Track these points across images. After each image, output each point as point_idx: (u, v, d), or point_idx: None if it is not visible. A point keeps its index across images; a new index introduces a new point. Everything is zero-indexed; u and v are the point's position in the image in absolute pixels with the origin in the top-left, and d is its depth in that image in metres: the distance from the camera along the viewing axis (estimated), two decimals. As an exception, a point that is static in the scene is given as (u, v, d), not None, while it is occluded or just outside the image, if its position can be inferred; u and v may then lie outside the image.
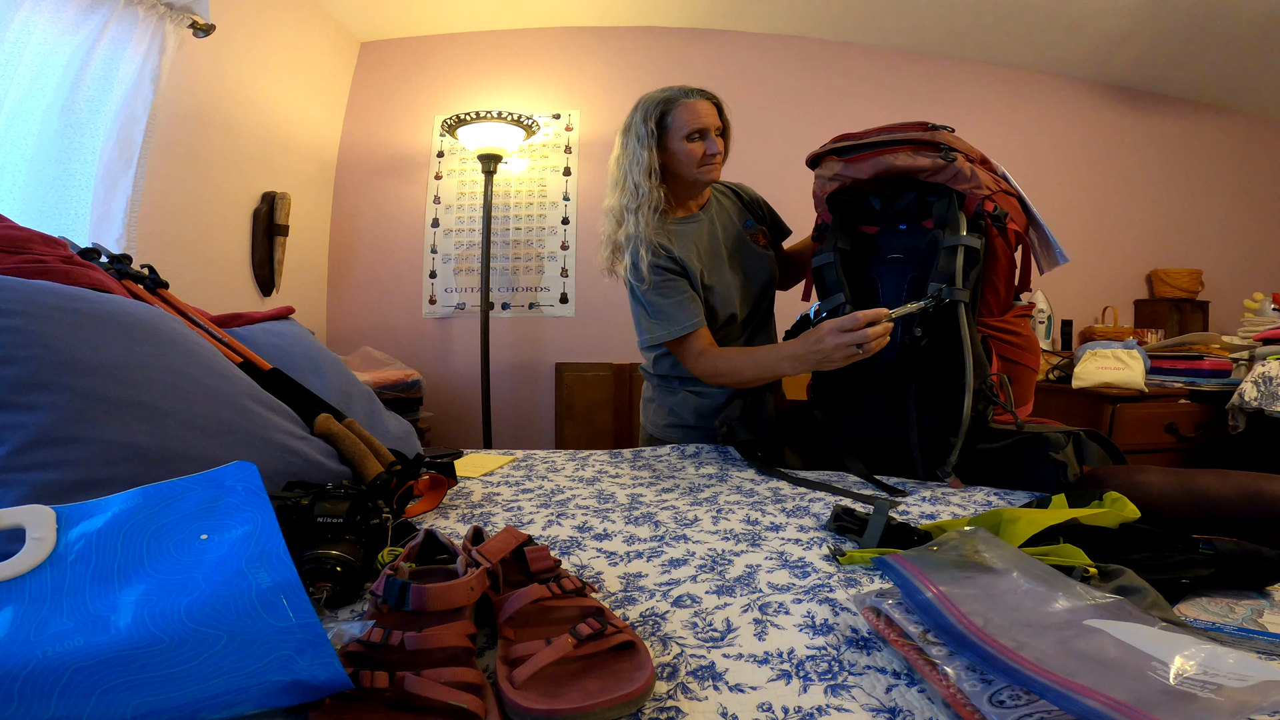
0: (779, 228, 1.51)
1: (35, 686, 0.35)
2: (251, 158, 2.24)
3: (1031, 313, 2.13)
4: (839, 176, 1.18)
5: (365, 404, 1.18)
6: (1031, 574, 0.51)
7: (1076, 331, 2.60)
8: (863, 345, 0.98)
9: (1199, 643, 0.40)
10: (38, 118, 1.46)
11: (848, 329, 0.98)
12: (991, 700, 0.39)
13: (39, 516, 0.45)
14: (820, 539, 0.78)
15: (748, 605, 0.60)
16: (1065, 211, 2.76)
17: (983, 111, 2.79)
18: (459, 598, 0.49)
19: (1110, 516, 0.68)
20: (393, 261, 2.76)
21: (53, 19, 1.46)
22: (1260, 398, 1.78)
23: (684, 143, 1.27)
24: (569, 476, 1.13)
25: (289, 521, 0.61)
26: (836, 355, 1.01)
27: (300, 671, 0.39)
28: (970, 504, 0.93)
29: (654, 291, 1.27)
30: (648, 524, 0.86)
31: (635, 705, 0.43)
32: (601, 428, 2.60)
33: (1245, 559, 0.60)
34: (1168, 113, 2.90)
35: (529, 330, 2.75)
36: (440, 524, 0.85)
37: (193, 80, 1.91)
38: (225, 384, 0.82)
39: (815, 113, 2.73)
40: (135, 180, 1.64)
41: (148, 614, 0.38)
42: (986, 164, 1.15)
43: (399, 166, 2.77)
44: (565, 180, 2.75)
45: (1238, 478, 0.82)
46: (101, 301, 0.77)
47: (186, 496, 0.48)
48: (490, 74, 2.76)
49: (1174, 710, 0.34)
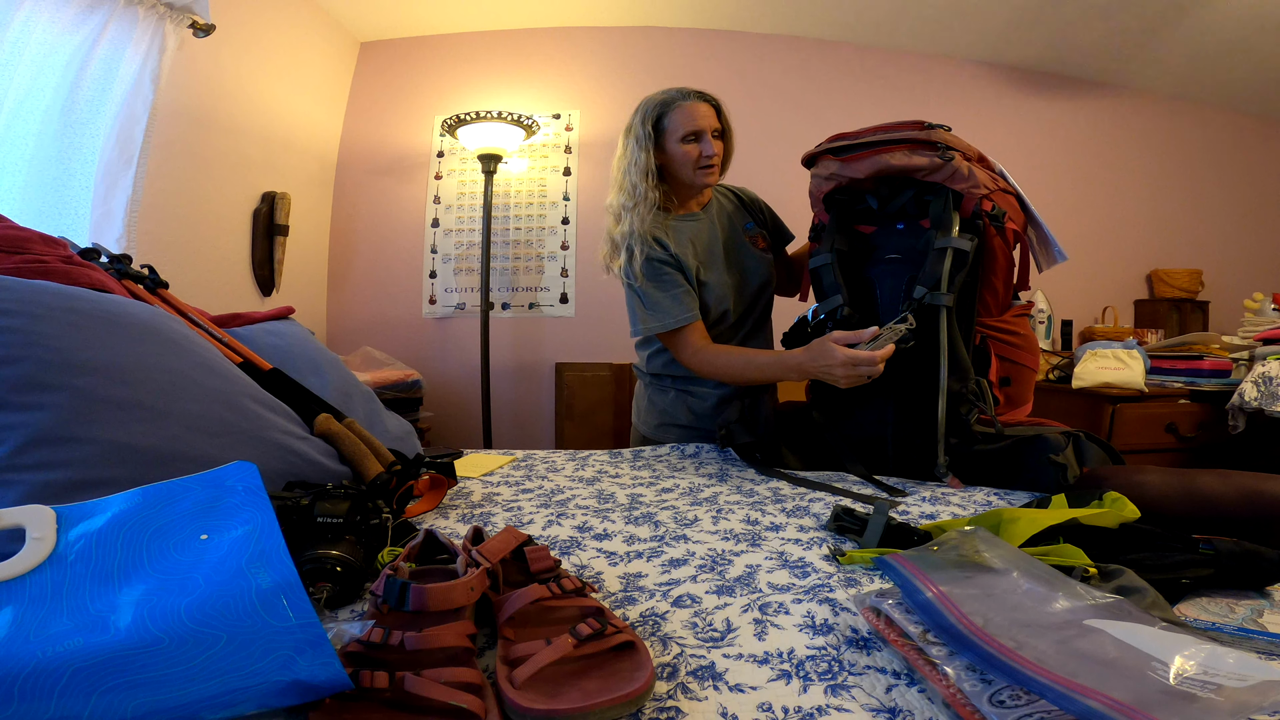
0: (780, 232, 1.50)
1: (35, 686, 0.35)
2: (251, 158, 2.24)
3: (1030, 312, 2.13)
4: (835, 176, 1.18)
5: (365, 404, 1.18)
6: (1031, 574, 0.51)
7: (1076, 331, 2.60)
8: (870, 375, 1.01)
9: (1199, 643, 0.40)
10: (38, 118, 1.46)
11: (863, 364, 0.99)
12: (991, 700, 0.39)
13: (39, 516, 0.45)
14: (820, 539, 0.78)
15: (748, 605, 0.60)
16: (1065, 211, 2.76)
17: (983, 111, 2.79)
18: (459, 598, 0.49)
19: (1110, 516, 0.68)
20: (393, 261, 2.76)
21: (53, 19, 1.46)
22: (1260, 398, 1.78)
23: (680, 144, 1.27)
24: (569, 476, 1.13)
25: (289, 521, 0.61)
26: (845, 382, 1.02)
27: (300, 671, 0.39)
28: (970, 504, 0.93)
29: (649, 283, 1.27)
30: (648, 524, 0.86)
31: (635, 705, 0.43)
32: (601, 428, 2.59)
33: (1245, 559, 0.60)
34: (1168, 112, 2.90)
35: (529, 330, 2.75)
36: (440, 524, 0.85)
37: (193, 80, 1.91)
38: (225, 384, 0.82)
39: (815, 113, 2.73)
40: (135, 180, 1.63)
41: (147, 614, 0.38)
42: (984, 162, 1.15)
43: (399, 166, 2.77)
44: (565, 180, 2.74)
45: (1238, 478, 0.83)
46: (101, 301, 0.77)
47: (186, 496, 0.48)
48: (490, 74, 2.76)
49: (1174, 710, 0.34)
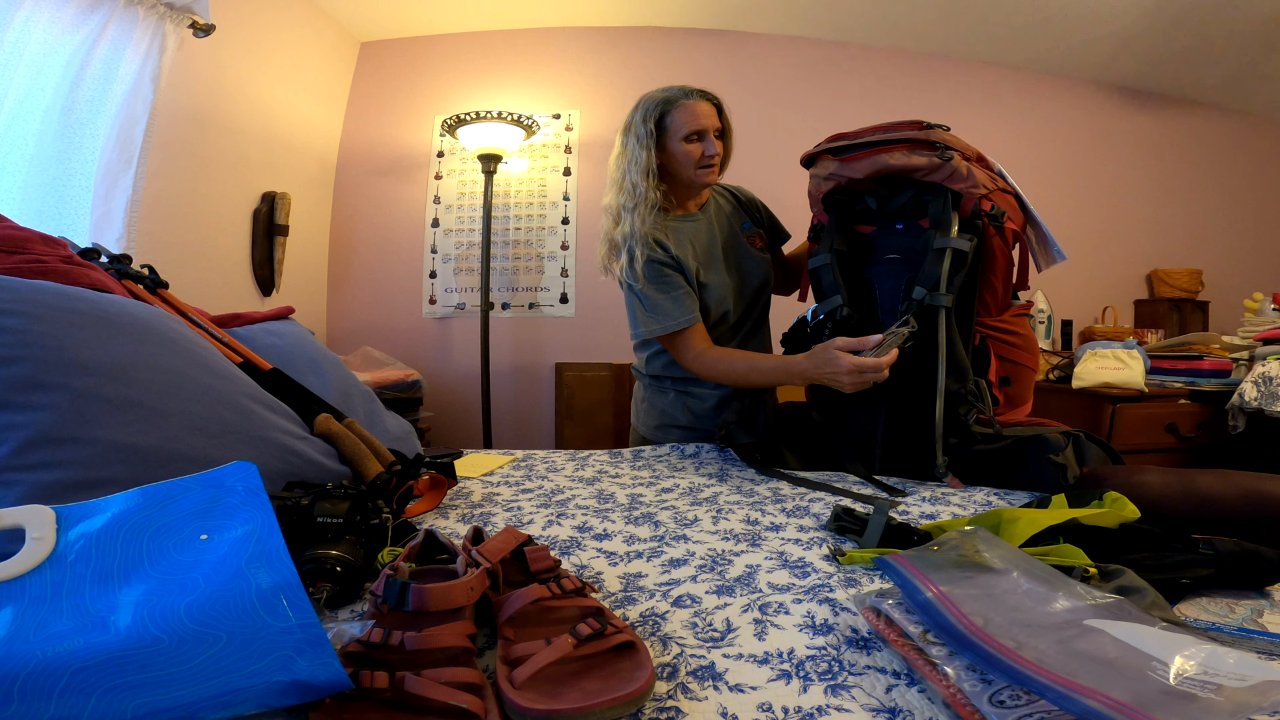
0: (777, 232, 1.50)
1: (35, 686, 0.35)
2: (251, 158, 2.24)
3: (1030, 312, 2.13)
4: (834, 176, 1.18)
5: (365, 404, 1.18)
6: (1032, 574, 0.51)
7: (1076, 331, 2.59)
8: (875, 380, 1.01)
9: (1199, 643, 0.40)
10: (38, 118, 1.46)
11: (868, 371, 1.00)
12: (991, 700, 0.39)
13: (39, 516, 0.45)
14: (820, 539, 0.78)
15: (748, 605, 0.60)
16: (1065, 211, 2.76)
17: (983, 111, 2.79)
18: (459, 598, 0.49)
19: (1110, 516, 0.68)
20: (393, 261, 2.76)
21: (53, 19, 1.46)
22: (1260, 398, 1.78)
23: (682, 144, 1.27)
24: (569, 476, 1.13)
25: (289, 521, 0.61)
26: (850, 388, 1.03)
27: (300, 672, 0.39)
28: (970, 504, 0.93)
29: (650, 286, 1.27)
30: (648, 524, 0.86)
31: (635, 705, 0.43)
32: (601, 428, 2.59)
33: (1245, 559, 0.60)
34: (1168, 113, 2.90)
35: (529, 330, 2.75)
36: (440, 524, 0.85)
37: (193, 80, 1.91)
38: (225, 384, 0.82)
39: (815, 113, 2.73)
40: (135, 180, 1.63)
41: (147, 614, 0.38)
42: (983, 162, 1.15)
43: (399, 166, 2.77)
44: (565, 180, 2.74)
45: (1238, 478, 0.82)
46: (101, 301, 0.77)
47: (186, 496, 0.48)
48: (490, 74, 2.76)
49: (1174, 710, 0.34)
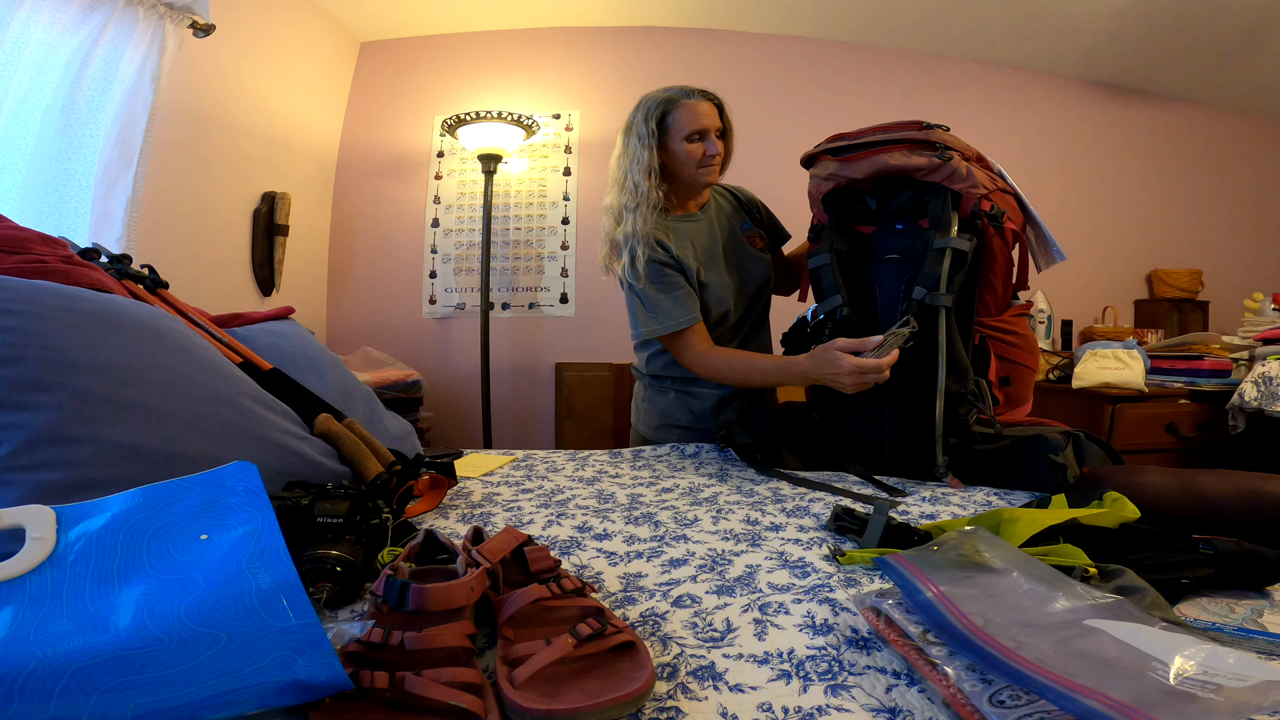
0: (777, 232, 1.50)
1: (35, 686, 0.35)
2: (251, 158, 2.24)
3: (1030, 311, 2.13)
4: (834, 176, 1.18)
5: (365, 404, 1.18)
6: (1031, 574, 0.51)
7: (1076, 331, 2.60)
8: (876, 381, 1.02)
9: (1199, 643, 0.40)
10: (38, 118, 1.46)
11: (869, 372, 1.00)
12: (991, 700, 0.39)
13: (39, 516, 0.45)
14: (820, 539, 0.78)
15: (748, 605, 0.60)
16: (1065, 211, 2.76)
17: (983, 111, 2.78)
18: (459, 598, 0.49)
19: (1110, 516, 0.68)
20: (393, 261, 2.76)
21: (53, 19, 1.46)
22: (1260, 398, 1.78)
23: (684, 143, 1.27)
24: (569, 476, 1.13)
25: (289, 521, 0.61)
26: (852, 389, 1.04)
27: (300, 672, 0.39)
28: (970, 504, 0.93)
29: (651, 286, 1.27)
30: (648, 524, 0.86)
31: (635, 705, 0.43)
32: (601, 428, 2.59)
33: (1245, 559, 0.60)
34: (1167, 112, 2.90)
35: (529, 330, 2.75)
36: (440, 524, 0.85)
37: (193, 80, 1.91)
38: (225, 384, 0.82)
39: (815, 113, 2.72)
40: (135, 180, 1.63)
41: (147, 614, 0.38)
42: (982, 162, 1.15)
43: (399, 166, 2.77)
44: (565, 180, 2.74)
45: (1238, 478, 0.82)
46: (101, 301, 0.77)
47: (186, 496, 0.48)
48: (490, 74, 2.76)
49: (1174, 710, 0.34)
